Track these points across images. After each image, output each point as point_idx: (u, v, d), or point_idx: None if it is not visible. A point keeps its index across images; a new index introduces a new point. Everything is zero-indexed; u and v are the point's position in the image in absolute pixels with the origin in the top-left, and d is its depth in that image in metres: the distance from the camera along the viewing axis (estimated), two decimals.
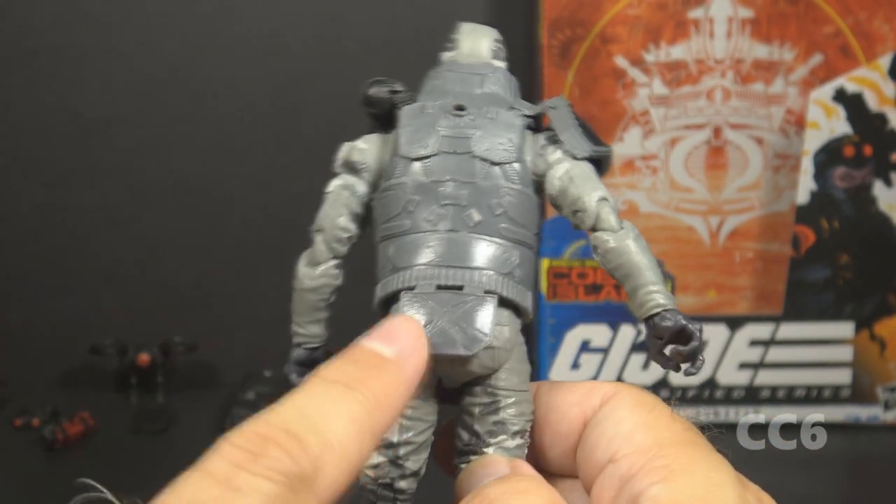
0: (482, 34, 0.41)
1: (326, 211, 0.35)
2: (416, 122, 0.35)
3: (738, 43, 0.66)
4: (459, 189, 0.34)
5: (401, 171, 0.34)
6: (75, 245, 0.75)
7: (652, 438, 0.31)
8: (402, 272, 0.33)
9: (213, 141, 0.74)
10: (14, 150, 0.75)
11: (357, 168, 0.35)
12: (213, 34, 0.73)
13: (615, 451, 0.31)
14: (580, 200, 0.36)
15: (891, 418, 0.69)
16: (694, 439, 0.31)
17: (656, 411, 0.32)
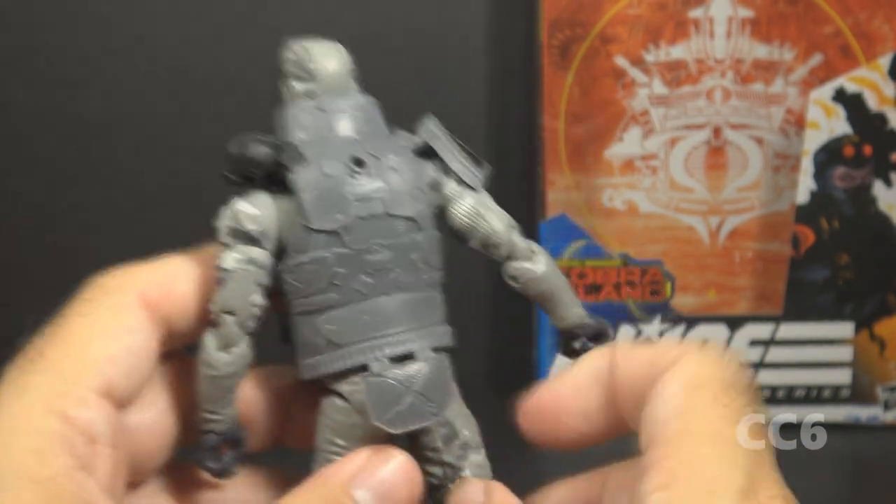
0: (335, 53, 0.37)
1: (234, 291, 0.32)
2: (319, 187, 0.33)
3: (738, 43, 0.66)
4: (383, 252, 0.33)
5: (316, 245, 0.32)
6: (75, 245, 0.75)
7: (681, 428, 0.29)
8: (344, 349, 0.32)
9: (213, 141, 0.74)
10: (14, 150, 0.75)
11: (254, 237, 0.33)
12: (213, 34, 0.73)
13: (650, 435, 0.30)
14: (494, 235, 0.35)
15: (891, 418, 0.69)
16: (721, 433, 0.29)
17: (701, 391, 0.30)
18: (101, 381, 0.31)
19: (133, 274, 0.34)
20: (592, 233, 0.67)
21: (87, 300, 0.33)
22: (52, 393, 0.30)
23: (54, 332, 0.32)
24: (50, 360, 0.31)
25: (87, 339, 0.32)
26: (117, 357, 0.32)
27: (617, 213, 0.67)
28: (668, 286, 0.68)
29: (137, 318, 0.33)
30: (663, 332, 0.68)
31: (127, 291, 0.33)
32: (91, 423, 0.30)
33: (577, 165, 0.67)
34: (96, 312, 0.32)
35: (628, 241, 0.68)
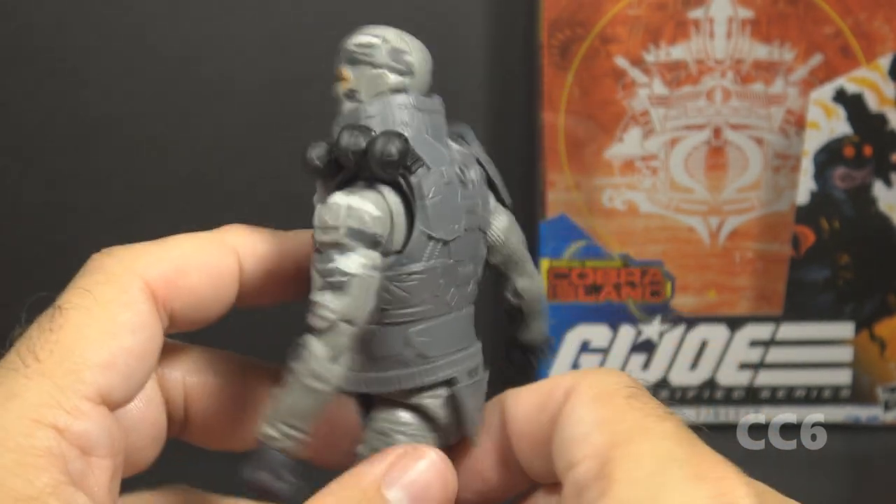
0: (426, 50, 0.34)
1: (358, 298, 0.30)
2: (441, 194, 0.31)
3: (738, 43, 0.66)
4: (468, 266, 0.32)
5: (431, 254, 0.31)
6: (75, 245, 0.75)
7: (606, 437, 0.28)
8: (433, 362, 0.31)
9: (213, 141, 0.74)
10: (14, 150, 0.75)
11: (377, 241, 0.30)
12: (214, 34, 0.73)
13: (573, 456, 0.28)
14: (518, 252, 0.35)
15: (891, 418, 0.69)
16: (648, 429, 0.28)
17: (613, 402, 0.29)
18: (97, 388, 0.29)
19: (138, 257, 0.31)
20: (592, 233, 0.67)
21: (86, 289, 0.30)
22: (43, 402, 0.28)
23: (49, 329, 0.29)
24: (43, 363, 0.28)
25: (83, 340, 0.29)
26: (117, 360, 0.29)
27: (617, 213, 0.67)
28: (668, 286, 0.68)
29: (141, 314, 0.30)
30: (663, 333, 0.68)
31: (131, 279, 0.30)
32: (86, 434, 0.28)
33: (577, 166, 0.67)
34: (96, 306, 0.30)
35: (628, 242, 0.68)
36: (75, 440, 0.28)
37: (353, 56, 0.33)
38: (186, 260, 0.32)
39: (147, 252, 0.31)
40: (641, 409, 0.29)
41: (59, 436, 0.27)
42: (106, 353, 0.29)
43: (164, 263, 0.31)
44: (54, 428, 0.27)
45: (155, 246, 0.32)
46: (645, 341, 0.69)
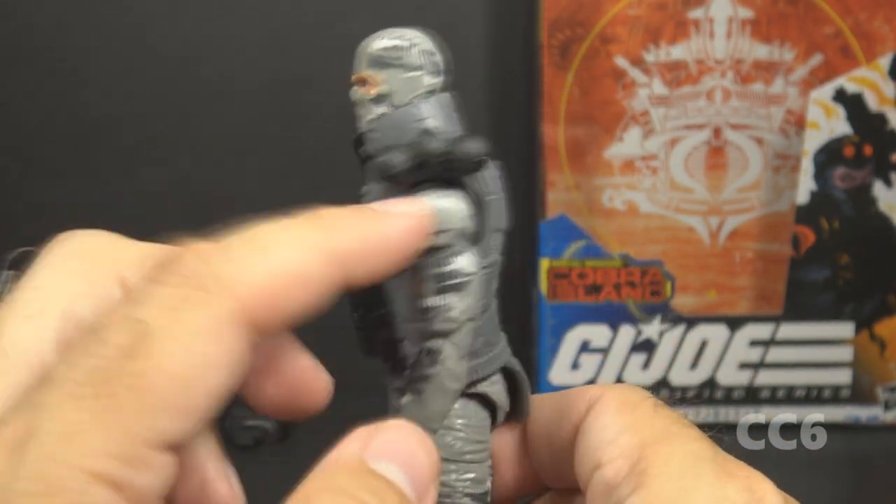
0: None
1: (477, 297, 0.31)
2: (501, 190, 0.32)
3: (738, 43, 0.66)
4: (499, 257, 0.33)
5: (497, 248, 0.32)
6: None
7: (636, 440, 0.29)
8: (493, 351, 0.33)
9: (213, 141, 0.74)
10: (14, 150, 0.75)
11: (477, 239, 0.31)
12: (214, 34, 0.73)
13: (600, 457, 0.30)
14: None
15: (891, 418, 0.69)
16: (677, 433, 0.29)
17: (639, 409, 0.30)
18: (170, 437, 0.25)
19: (236, 268, 0.27)
20: (592, 233, 0.67)
21: (175, 308, 0.26)
22: (107, 450, 0.24)
23: (130, 355, 0.25)
24: (117, 399, 0.24)
25: (168, 377, 0.25)
26: (197, 401, 0.25)
27: (617, 213, 0.67)
28: (668, 286, 0.68)
29: (234, 346, 0.26)
30: (663, 333, 0.68)
31: (227, 300, 0.26)
32: (147, 488, 0.24)
33: (577, 166, 0.67)
34: (186, 335, 0.25)
35: (628, 242, 0.68)
36: (133, 496, 0.24)
37: (382, 59, 0.33)
38: (289, 274, 0.27)
39: (245, 261, 0.27)
40: (668, 416, 0.30)
41: (117, 494, 0.24)
42: (189, 396, 0.25)
43: (264, 280, 0.27)
44: (113, 484, 0.24)
45: (252, 251, 0.27)
46: (645, 341, 0.69)
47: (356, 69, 0.33)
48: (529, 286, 0.70)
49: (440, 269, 0.31)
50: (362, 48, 0.33)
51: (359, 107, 0.33)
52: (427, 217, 0.30)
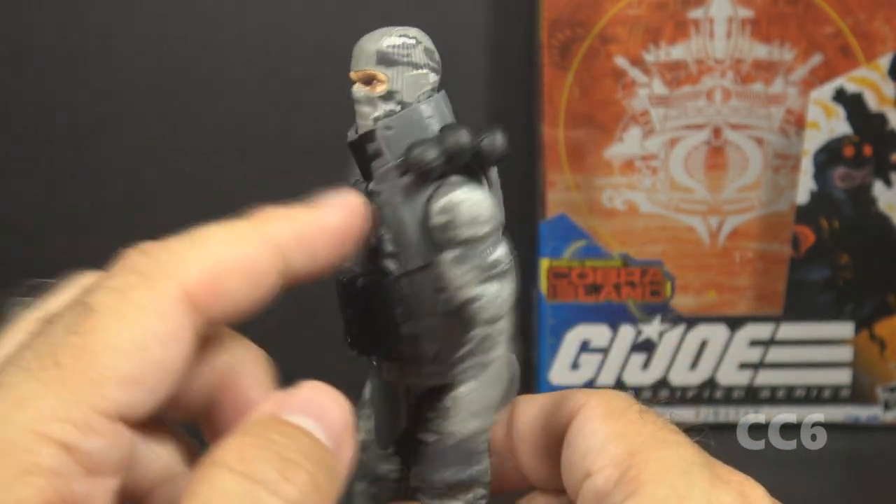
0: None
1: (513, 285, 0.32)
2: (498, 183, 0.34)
3: (738, 43, 0.66)
4: None
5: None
6: (75, 245, 0.75)
7: (624, 447, 0.30)
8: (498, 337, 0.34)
9: (213, 141, 0.74)
10: (14, 150, 0.75)
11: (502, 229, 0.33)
12: (214, 34, 0.73)
13: (589, 465, 0.30)
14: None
15: (891, 418, 0.69)
16: (665, 439, 0.30)
17: (626, 416, 0.31)
18: (117, 404, 0.26)
19: (177, 259, 0.28)
20: (592, 233, 0.67)
21: (120, 290, 0.27)
22: (55, 414, 0.25)
23: (76, 331, 0.26)
24: (63, 370, 0.26)
25: (112, 349, 0.26)
26: (144, 373, 0.27)
27: (617, 213, 0.67)
28: (668, 286, 0.68)
29: (176, 325, 0.27)
30: (663, 333, 0.68)
31: (169, 284, 0.28)
32: (95, 453, 0.26)
33: (577, 166, 0.67)
34: (129, 312, 0.27)
35: (628, 241, 0.68)
36: (83, 459, 0.26)
37: (389, 57, 0.33)
38: (227, 261, 0.29)
39: (186, 253, 0.29)
40: (655, 423, 0.30)
41: (67, 454, 0.25)
42: (134, 366, 0.27)
43: (203, 266, 0.28)
44: (62, 445, 0.25)
45: (192, 245, 0.29)
46: (645, 341, 0.69)
47: (358, 66, 0.33)
48: (529, 286, 0.70)
49: (483, 259, 0.31)
50: (364, 45, 0.33)
51: (362, 104, 0.33)
52: (362, 207, 0.31)
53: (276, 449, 0.25)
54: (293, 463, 0.25)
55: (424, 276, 0.32)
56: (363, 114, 0.33)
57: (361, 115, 0.33)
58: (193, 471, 0.26)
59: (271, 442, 0.26)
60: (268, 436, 0.26)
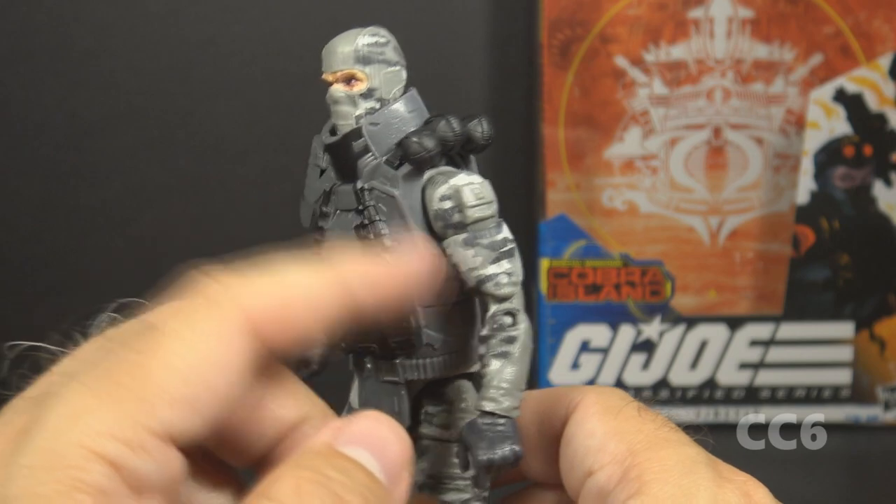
0: None
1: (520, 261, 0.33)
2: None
3: (738, 43, 0.66)
4: None
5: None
6: (75, 245, 0.75)
7: (625, 446, 0.30)
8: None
9: (213, 141, 0.74)
10: (14, 150, 0.75)
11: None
12: (214, 34, 0.73)
13: (591, 464, 0.30)
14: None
15: (891, 418, 0.69)
16: (666, 437, 0.30)
17: (623, 414, 0.31)
18: (169, 426, 0.26)
19: (242, 286, 0.28)
20: (592, 233, 0.67)
21: (184, 312, 0.27)
22: (107, 431, 0.25)
23: (137, 350, 0.26)
24: (120, 388, 0.26)
25: (169, 370, 0.26)
26: (198, 398, 0.26)
27: (617, 213, 0.67)
28: (668, 286, 0.68)
29: (236, 353, 0.27)
30: (663, 332, 0.68)
31: (234, 312, 0.27)
32: (143, 473, 0.25)
33: (577, 165, 0.67)
34: (191, 335, 0.27)
35: (628, 241, 0.68)
36: (131, 479, 0.25)
37: (366, 56, 0.34)
38: (292, 291, 0.29)
39: (253, 280, 0.28)
40: (654, 420, 0.30)
41: (115, 473, 0.25)
42: (189, 390, 0.26)
43: (268, 294, 0.28)
44: (112, 463, 0.25)
45: (261, 272, 0.29)
46: (645, 341, 0.69)
47: (335, 67, 0.34)
48: (529, 286, 0.70)
49: (493, 238, 0.32)
50: (338, 47, 0.35)
51: (342, 104, 0.34)
52: (432, 255, 0.31)
53: (331, 486, 0.25)
54: (347, 501, 0.25)
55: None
56: (343, 113, 0.34)
57: (341, 115, 0.34)
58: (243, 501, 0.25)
59: (327, 479, 0.25)
60: (324, 471, 0.25)
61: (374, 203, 0.32)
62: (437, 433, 0.34)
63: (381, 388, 0.34)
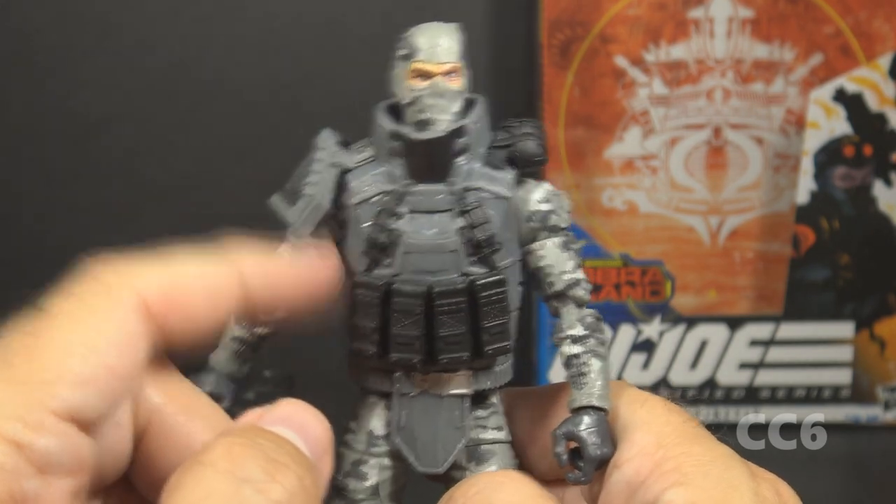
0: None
1: None
2: None
3: (738, 43, 0.66)
4: None
5: None
6: (75, 245, 0.75)
7: (653, 437, 0.30)
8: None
9: (213, 141, 0.74)
10: (14, 150, 0.75)
11: None
12: (213, 34, 0.73)
13: (616, 455, 0.30)
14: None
15: (891, 418, 0.69)
16: (696, 432, 0.30)
17: (648, 404, 0.31)
18: (69, 405, 0.26)
19: (135, 270, 0.29)
20: (592, 233, 0.67)
21: (77, 295, 0.28)
22: (6, 413, 0.25)
23: (30, 333, 0.27)
24: (15, 371, 0.26)
25: (64, 351, 0.26)
26: (97, 377, 0.27)
27: (617, 213, 0.67)
28: (668, 286, 0.68)
29: (131, 330, 0.28)
30: (663, 332, 0.68)
31: (125, 292, 0.28)
32: (46, 452, 0.26)
33: (577, 165, 0.67)
34: (84, 315, 0.27)
35: (628, 241, 0.68)
36: (34, 458, 0.26)
37: (463, 52, 0.34)
38: (186, 276, 0.29)
39: (143, 264, 0.29)
40: (679, 413, 0.31)
41: (17, 451, 0.25)
42: (86, 368, 0.27)
43: (162, 278, 0.29)
44: (13, 443, 0.25)
45: (152, 258, 0.29)
46: (645, 341, 0.69)
47: (439, 58, 0.32)
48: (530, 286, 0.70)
49: (577, 246, 0.34)
50: (441, 38, 0.33)
51: (444, 98, 0.32)
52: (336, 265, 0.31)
53: (263, 450, 0.25)
54: (281, 464, 0.25)
55: (514, 271, 0.33)
56: (443, 108, 0.32)
57: (441, 110, 0.32)
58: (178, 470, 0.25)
59: (258, 444, 0.26)
60: (254, 439, 0.26)
61: (482, 205, 0.32)
62: (496, 436, 0.33)
63: (441, 403, 0.33)
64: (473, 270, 0.32)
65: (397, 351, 0.32)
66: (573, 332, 0.32)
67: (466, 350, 0.32)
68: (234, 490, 0.24)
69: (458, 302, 0.32)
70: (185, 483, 0.24)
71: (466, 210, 0.32)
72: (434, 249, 0.32)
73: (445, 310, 0.32)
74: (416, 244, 0.32)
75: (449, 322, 0.32)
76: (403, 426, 0.33)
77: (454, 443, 0.33)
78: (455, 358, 0.32)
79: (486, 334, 0.32)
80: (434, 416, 0.33)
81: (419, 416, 0.33)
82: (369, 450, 0.34)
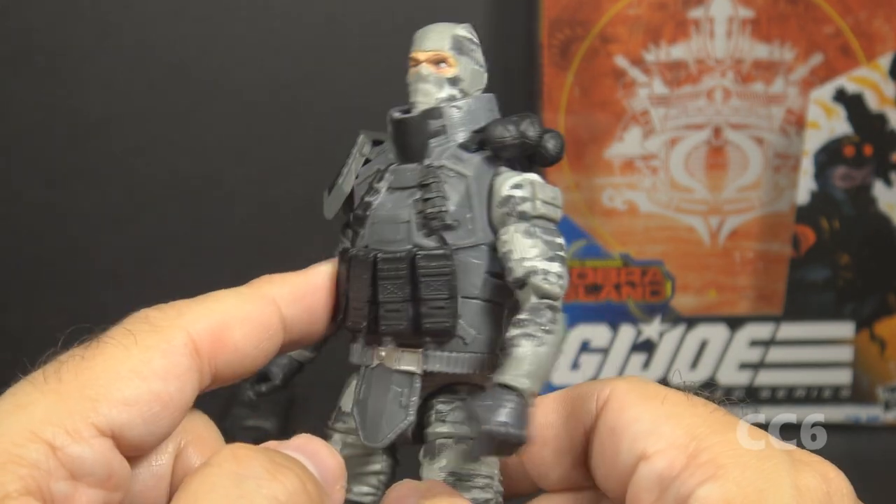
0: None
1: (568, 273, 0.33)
2: None
3: (739, 43, 0.66)
4: None
5: None
6: (75, 245, 0.75)
7: (683, 429, 0.29)
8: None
9: (213, 141, 0.74)
10: (14, 150, 0.75)
11: None
12: (213, 34, 0.73)
13: (643, 449, 0.29)
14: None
15: (891, 418, 0.69)
16: (727, 420, 0.29)
17: (670, 399, 0.30)
18: (110, 421, 0.28)
19: (184, 312, 0.31)
20: (592, 233, 0.67)
21: (129, 330, 0.30)
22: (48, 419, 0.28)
23: (82, 356, 0.29)
24: (63, 385, 0.28)
25: (111, 374, 0.29)
26: (139, 400, 0.29)
27: (617, 213, 0.67)
28: (668, 286, 0.68)
29: (178, 364, 0.30)
30: (663, 332, 0.68)
31: (176, 331, 0.31)
32: (78, 458, 0.28)
33: (577, 165, 0.67)
34: (135, 346, 0.30)
35: (628, 241, 0.68)
36: (67, 461, 0.28)
37: (461, 46, 0.35)
38: (230, 314, 0.32)
39: (191, 307, 0.32)
40: (705, 404, 0.30)
41: (51, 453, 0.27)
42: (131, 391, 0.29)
43: (208, 318, 0.31)
44: (49, 444, 0.27)
45: (198, 301, 0.32)
46: (645, 341, 0.69)
47: (428, 46, 0.34)
48: None
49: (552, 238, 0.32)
50: (437, 29, 0.35)
51: (428, 83, 0.34)
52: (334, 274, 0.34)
53: (268, 455, 0.27)
54: (284, 467, 0.27)
55: (477, 255, 0.32)
56: (426, 91, 0.34)
57: (423, 93, 0.34)
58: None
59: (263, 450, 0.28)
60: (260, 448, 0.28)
61: (440, 180, 0.32)
62: (451, 430, 0.33)
63: (391, 378, 0.33)
64: (425, 243, 0.32)
65: (352, 317, 0.33)
66: (518, 316, 0.31)
67: (404, 321, 0.32)
68: (236, 484, 0.26)
69: (399, 269, 0.32)
70: (192, 481, 0.26)
71: (425, 185, 0.32)
72: (390, 220, 0.33)
73: (385, 276, 0.32)
74: (379, 215, 0.33)
75: (389, 288, 0.32)
76: (361, 399, 0.33)
77: (397, 420, 0.33)
78: (393, 326, 0.32)
79: (424, 306, 0.32)
80: (384, 390, 0.33)
81: (374, 389, 0.33)
82: (334, 425, 0.34)
